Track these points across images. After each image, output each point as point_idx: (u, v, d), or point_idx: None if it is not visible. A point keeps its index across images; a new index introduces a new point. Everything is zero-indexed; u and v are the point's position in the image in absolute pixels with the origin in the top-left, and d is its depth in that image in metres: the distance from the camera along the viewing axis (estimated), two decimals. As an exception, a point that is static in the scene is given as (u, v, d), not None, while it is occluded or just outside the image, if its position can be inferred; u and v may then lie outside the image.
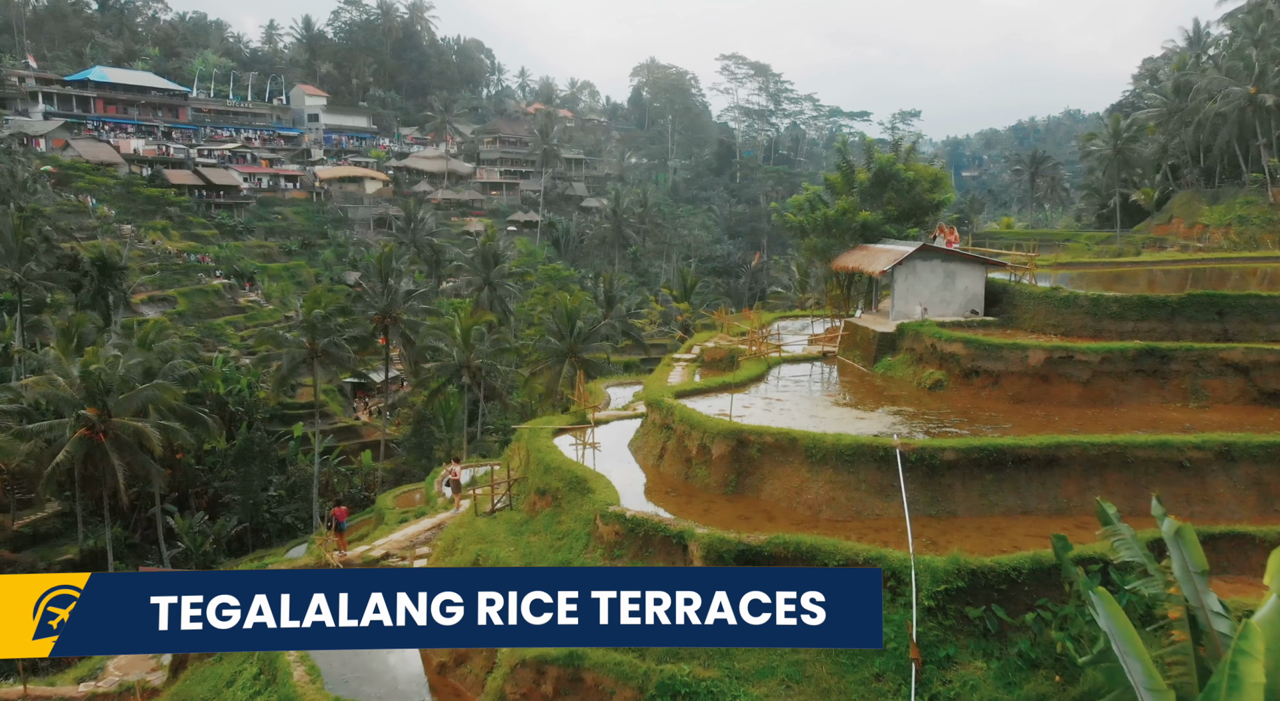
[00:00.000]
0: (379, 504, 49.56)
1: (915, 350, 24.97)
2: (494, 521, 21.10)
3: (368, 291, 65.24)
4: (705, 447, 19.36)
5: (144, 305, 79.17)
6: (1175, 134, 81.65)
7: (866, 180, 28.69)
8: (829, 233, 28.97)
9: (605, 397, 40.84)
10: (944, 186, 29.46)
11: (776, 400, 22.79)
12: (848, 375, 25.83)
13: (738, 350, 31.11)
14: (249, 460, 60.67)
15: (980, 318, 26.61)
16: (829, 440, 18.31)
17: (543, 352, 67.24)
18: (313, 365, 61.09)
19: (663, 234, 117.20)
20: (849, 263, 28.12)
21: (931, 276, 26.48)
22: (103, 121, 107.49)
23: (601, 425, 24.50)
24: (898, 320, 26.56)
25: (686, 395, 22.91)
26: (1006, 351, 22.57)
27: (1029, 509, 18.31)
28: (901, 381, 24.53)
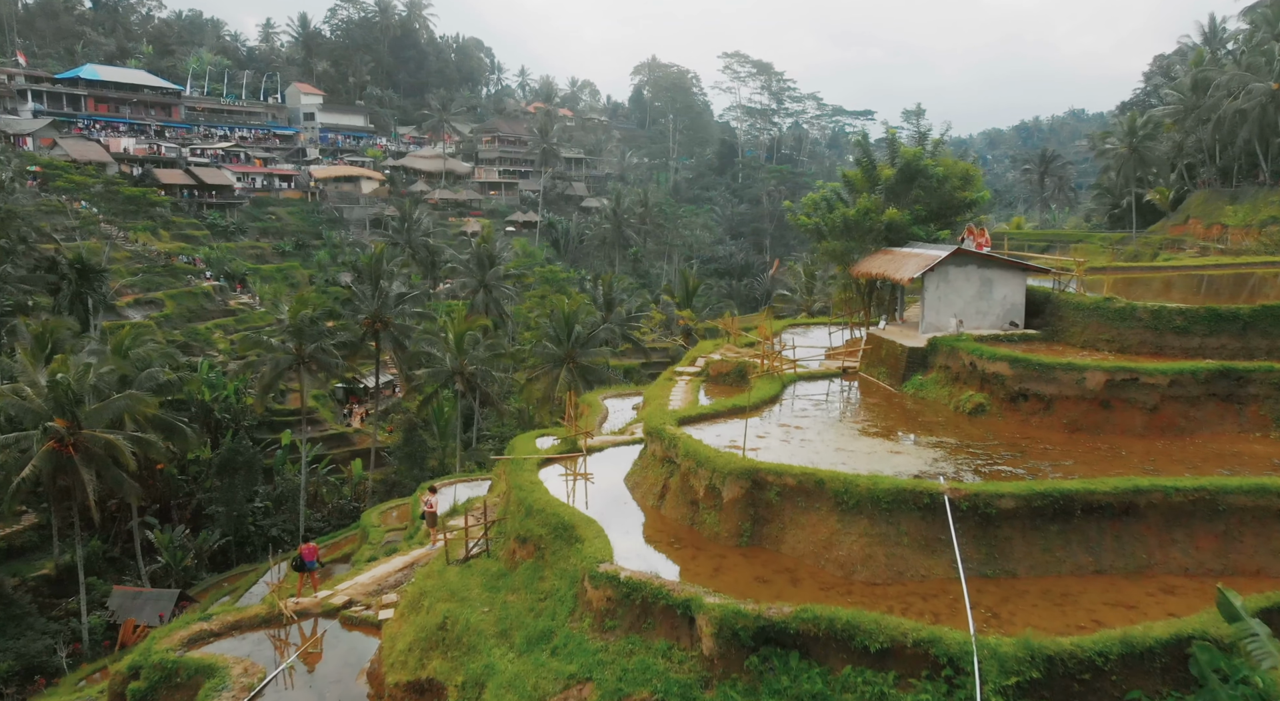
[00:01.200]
0: (364, 520, 46.44)
1: (950, 368, 21.79)
2: (468, 571, 17.94)
3: (358, 294, 62.07)
4: (715, 489, 16.21)
5: (130, 308, 76.09)
6: (1192, 131, 78.37)
7: (891, 177, 25.53)
8: (848, 235, 25.81)
9: (602, 410, 37.70)
10: (976, 183, 26.29)
11: (795, 428, 19.60)
12: (873, 396, 22.64)
13: (746, 363, 28.00)
14: (232, 470, 57.57)
15: (1021, 331, 23.44)
16: (863, 483, 15.15)
17: (539, 358, 64.14)
18: (300, 371, 58.00)
19: (664, 234, 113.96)
20: (872, 268, 24.96)
21: (966, 284, 23.32)
22: (93, 120, 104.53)
23: (595, 452, 21.37)
24: (928, 333, 23.38)
25: (692, 422, 19.76)
26: (1060, 372, 19.40)
27: (1102, 567, 15.17)
28: (936, 404, 21.36)
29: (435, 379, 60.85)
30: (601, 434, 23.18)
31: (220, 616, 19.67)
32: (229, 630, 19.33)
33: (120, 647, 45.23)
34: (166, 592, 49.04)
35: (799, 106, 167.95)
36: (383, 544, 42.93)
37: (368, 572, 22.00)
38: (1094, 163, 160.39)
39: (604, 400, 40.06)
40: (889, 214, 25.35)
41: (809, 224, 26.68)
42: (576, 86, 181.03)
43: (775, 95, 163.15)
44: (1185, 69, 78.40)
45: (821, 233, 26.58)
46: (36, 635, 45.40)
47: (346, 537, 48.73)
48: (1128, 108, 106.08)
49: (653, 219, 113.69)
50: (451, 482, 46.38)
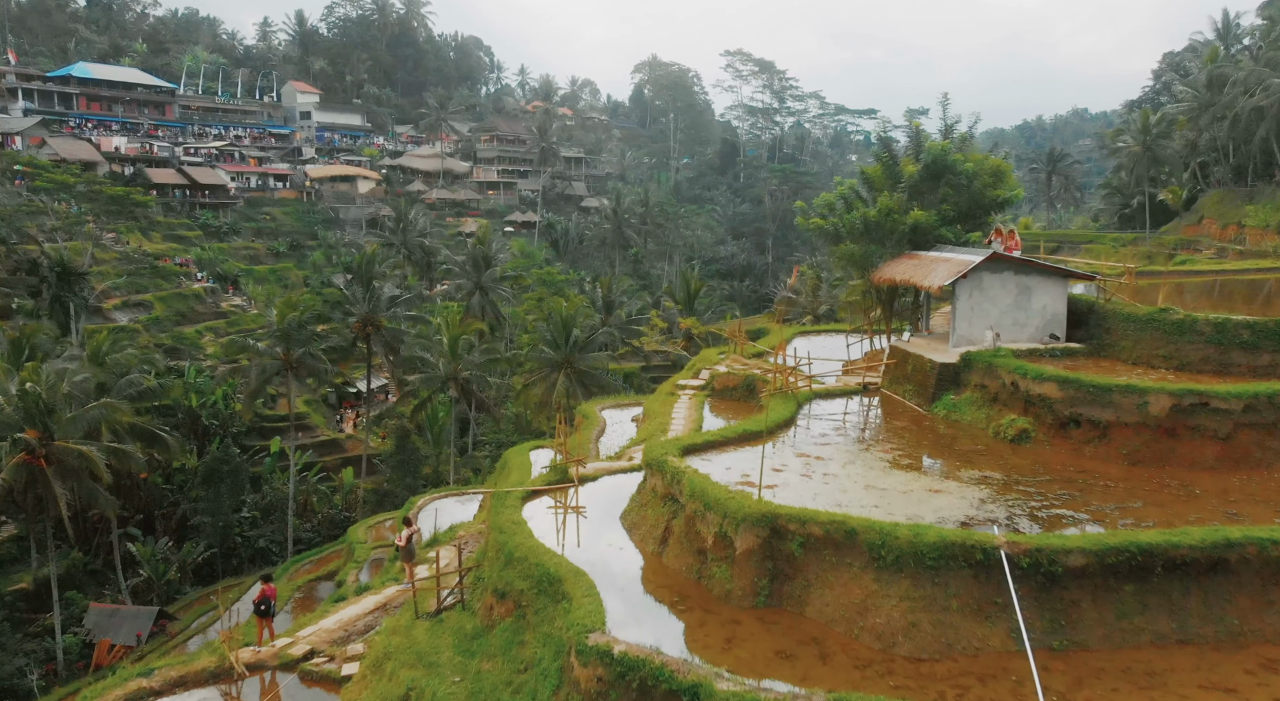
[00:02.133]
0: (350, 535, 43.90)
1: (987, 388, 19.23)
2: (439, 629, 15.39)
3: (349, 296, 59.50)
4: (726, 537, 13.67)
5: (117, 310, 73.58)
6: (1206, 129, 75.71)
7: (916, 174, 22.97)
8: (869, 237, 23.25)
9: (600, 423, 35.21)
10: (1008, 180, 23.72)
11: (816, 458, 17.03)
12: (900, 418, 20.07)
13: (754, 376, 25.51)
14: (218, 480, 55.03)
15: (1063, 344, 20.88)
16: (903, 535, 12.61)
17: (536, 362, 61.61)
18: (287, 377, 55.46)
19: (665, 235, 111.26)
20: (895, 274, 22.42)
21: (1003, 293, 20.79)
22: (85, 119, 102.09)
23: (588, 482, 18.83)
24: (960, 347, 20.83)
25: (698, 450, 17.22)
26: (1118, 395, 16.83)
27: (1187, 635, 12.62)
28: (972, 429, 18.81)
29: (429, 385, 58.34)
30: (597, 461, 20.61)
31: (163, 671, 17.15)
32: (172, 687, 16.84)
33: (95, 669, 42.77)
34: (145, 610, 46.45)
35: (801, 106, 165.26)
36: (369, 561, 40.48)
37: (334, 615, 19.48)
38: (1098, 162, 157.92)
39: (602, 411, 37.58)
40: (914, 215, 22.78)
41: (825, 226, 24.08)
42: (576, 85, 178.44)
43: (777, 94, 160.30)
44: (1200, 65, 75.64)
45: (839, 235, 23.98)
46: (8, 655, 42.87)
47: (334, 552, 46.19)
48: (1137, 106, 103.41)
49: (653, 219, 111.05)
50: (442, 496, 43.83)
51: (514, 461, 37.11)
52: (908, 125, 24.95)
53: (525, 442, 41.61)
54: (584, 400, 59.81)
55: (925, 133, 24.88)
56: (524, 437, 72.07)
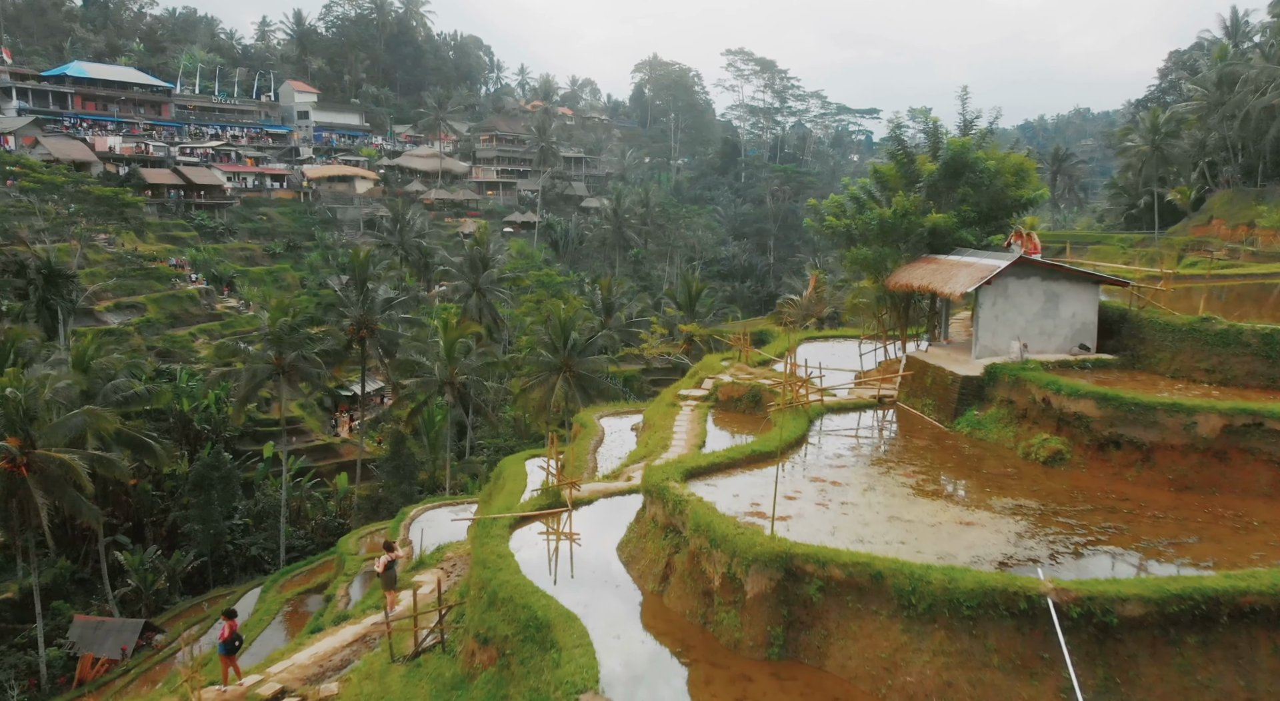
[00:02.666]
0: (340, 546, 42.33)
1: (1015, 404, 17.67)
2: (415, 676, 13.83)
3: (343, 298, 57.95)
4: (735, 579, 12.12)
5: (109, 312, 72.09)
6: (1215, 128, 74.14)
7: (934, 172, 21.37)
8: (884, 240, 21.66)
9: (598, 432, 33.65)
10: (1031, 180, 22.13)
11: (832, 484, 15.47)
12: (920, 435, 18.49)
13: (760, 387, 23.97)
14: (208, 486, 53.57)
15: (1094, 356, 19.31)
16: (936, 580, 11.05)
17: (535, 366, 60.04)
18: (279, 382, 53.90)
19: (665, 235, 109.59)
20: (912, 280, 20.84)
21: (1029, 300, 19.23)
22: (80, 118, 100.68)
23: (583, 506, 17.28)
24: (984, 358, 19.26)
25: (702, 474, 15.66)
26: (1163, 414, 15.26)
27: (1257, 693, 11.09)
28: (999, 449, 17.25)
29: (424, 389, 56.80)
30: (593, 481, 19.03)
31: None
32: (129, 732, 15.26)
33: (78, 684, 41.33)
34: (130, 622, 44.93)
35: (802, 105, 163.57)
36: (359, 573, 38.94)
37: (309, 648, 17.93)
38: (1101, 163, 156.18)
39: (600, 420, 36.00)
40: (932, 216, 21.18)
41: (836, 228, 22.48)
42: (577, 85, 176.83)
43: (779, 93, 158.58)
44: (1209, 64, 74.00)
45: (851, 237, 22.38)
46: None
47: (326, 562, 44.63)
48: (1143, 105, 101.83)
49: (654, 219, 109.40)
50: (435, 506, 42.28)
51: (509, 471, 35.55)
52: (925, 121, 23.31)
53: (521, 452, 40.07)
54: (583, 404, 58.29)
55: (943, 129, 23.28)
56: (522, 442, 70.65)
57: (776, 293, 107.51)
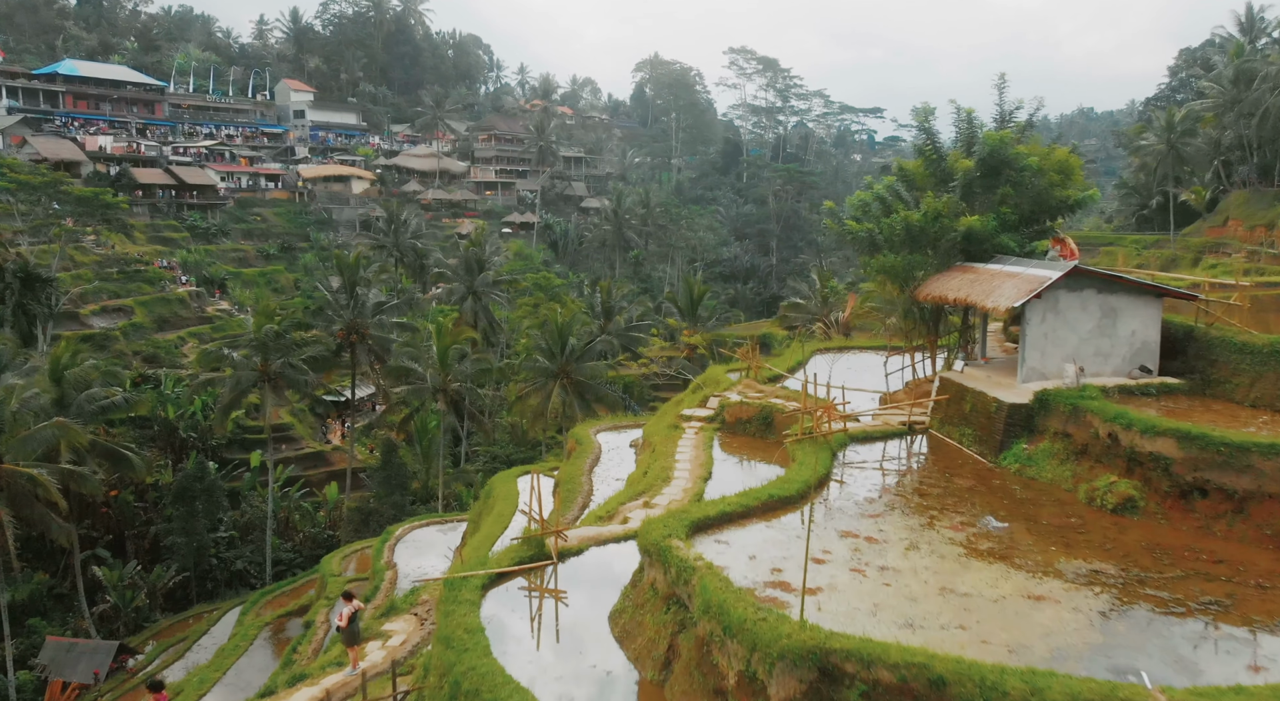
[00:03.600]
0: (323, 566, 39.79)
1: (1073, 438, 15.11)
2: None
3: (332, 302, 55.39)
4: (755, 678, 9.55)
5: (95, 316, 69.59)
6: (1230, 126, 71.57)
7: (970, 169, 18.76)
8: (912, 245, 19.08)
9: (594, 449, 31.10)
10: (1077, 178, 19.49)
11: (867, 540, 12.89)
12: (962, 473, 15.92)
13: (772, 407, 21.44)
14: (190, 498, 51.01)
15: (1157, 380, 16.75)
16: (1014, 689, 8.51)
17: (531, 372, 57.47)
18: (264, 389, 51.34)
19: (667, 236, 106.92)
20: (946, 291, 18.27)
21: (1083, 316, 16.70)
22: (71, 117, 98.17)
23: (571, 557, 14.72)
24: (1032, 382, 16.71)
25: (710, 527, 13.11)
26: (1260, 458, 12.71)
27: None
28: (1056, 491, 14.70)
29: (416, 397, 54.28)
30: (584, 523, 16.43)
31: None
32: None
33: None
34: (104, 645, 42.32)
35: (805, 104, 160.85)
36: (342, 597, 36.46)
37: (259, 715, 15.43)
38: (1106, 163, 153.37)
39: (597, 435, 33.41)
40: (968, 219, 18.61)
41: (859, 232, 19.83)
42: (577, 84, 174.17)
43: (781, 93, 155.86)
44: (1225, 61, 71.39)
45: (875, 243, 19.75)
46: (-45, 696, 38.89)
47: (310, 580, 42.10)
48: (1153, 103, 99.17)
49: (655, 220, 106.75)
50: (423, 524, 39.76)
51: (499, 490, 33.01)
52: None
53: (513, 468, 37.58)
54: (581, 412, 55.73)
55: (979, 121, 20.63)
56: (520, 449, 68.11)
57: (779, 294, 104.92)
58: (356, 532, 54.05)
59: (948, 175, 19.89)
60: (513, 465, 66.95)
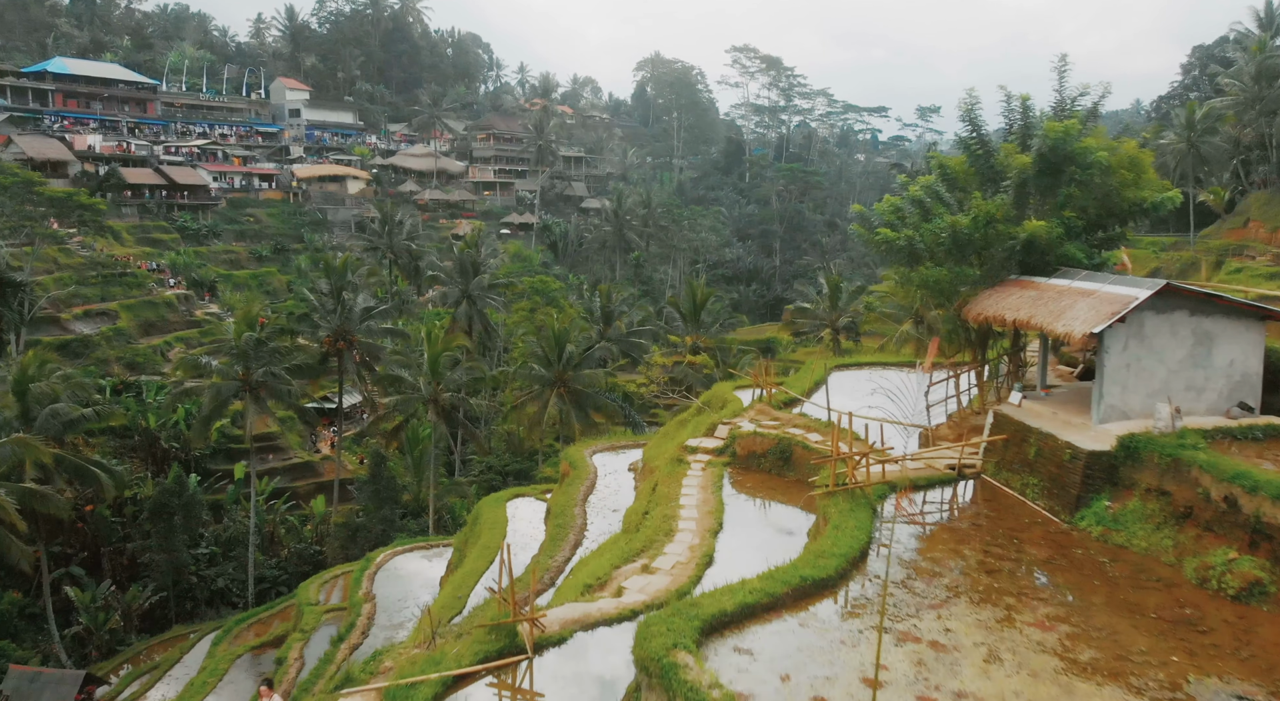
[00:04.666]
0: (300, 595, 36.85)
1: (1173, 497, 12.09)
2: None
3: (318, 308, 52.40)
4: None
5: (77, 321, 66.60)
6: (1251, 124, 68.50)
7: (1028, 166, 15.61)
8: (958, 255, 15.96)
9: (589, 473, 28.12)
10: (1150, 178, 16.35)
11: (932, 647, 9.84)
12: (1033, 539, 12.88)
13: (791, 440, 18.44)
14: (169, 513, 48.09)
15: (1264, 421, 13.71)
16: None
17: (527, 380, 54.56)
18: (246, 400, 48.36)
19: (668, 237, 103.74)
20: (1002, 311, 15.13)
21: (1173, 343, 13.73)
22: (61, 116, 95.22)
23: (551, 650, 11.67)
24: (1110, 423, 13.70)
25: (727, 627, 10.12)
26: None
27: None
28: (1155, 566, 11.69)
29: (406, 407, 51.27)
30: (565, 605, 13.32)
31: None
32: None
33: (5, 749, 36.01)
34: (70, 674, 39.34)
35: (809, 103, 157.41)
36: (318, 629, 33.51)
37: None
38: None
39: (593, 457, 30.42)
40: (1031, 225, 15.51)
41: (895, 240, 16.60)
42: (578, 83, 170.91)
43: (784, 92, 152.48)
44: (1246, 57, 68.22)
45: (914, 252, 16.60)
46: (-90, 733, 35.90)
47: (287, 607, 39.12)
48: (1166, 101, 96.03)
49: (656, 221, 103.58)
50: (407, 549, 36.76)
51: (487, 517, 29.98)
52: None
53: (503, 491, 34.61)
54: (578, 422, 52.75)
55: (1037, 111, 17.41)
56: (515, 459, 65.12)
57: (783, 297, 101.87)
58: (343, 549, 51.10)
59: (997, 173, 16.81)
60: (507, 476, 64.10)
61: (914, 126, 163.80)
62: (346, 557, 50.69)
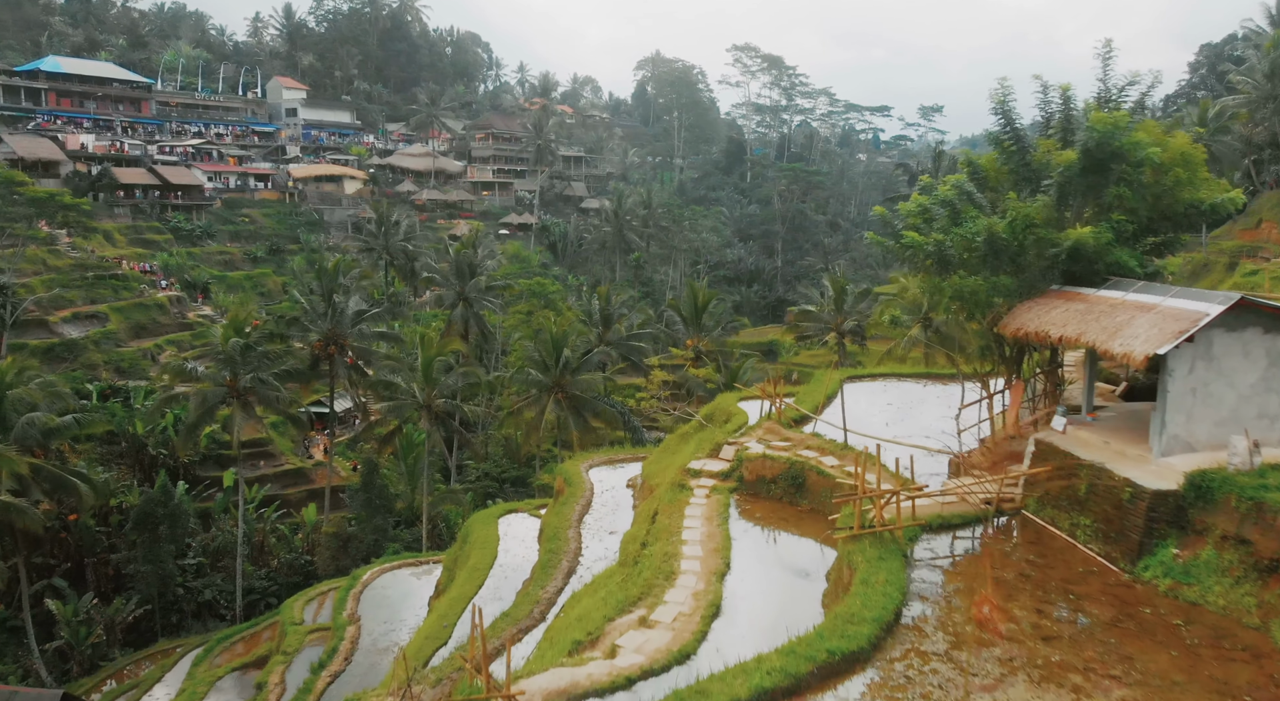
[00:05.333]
0: (284, 613, 35.08)
1: (1256, 547, 10.36)
2: None
3: (309, 311, 50.62)
4: None
5: (66, 324, 64.94)
6: (1263, 122, 66.71)
7: (1072, 163, 13.79)
8: (995, 263, 14.07)
9: (585, 489, 26.40)
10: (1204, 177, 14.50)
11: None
12: (1091, 593, 11.11)
13: (804, 464, 16.67)
14: (154, 523, 46.30)
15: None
16: None
17: (523, 385, 52.77)
18: (233, 406, 46.62)
19: (669, 238, 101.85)
20: (1046, 326, 13.28)
21: (1245, 365, 12.01)
22: (55, 115, 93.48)
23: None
24: (1173, 456, 11.95)
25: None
26: None
27: None
28: (1235, 628, 9.99)
29: (398, 414, 49.48)
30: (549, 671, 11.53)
31: None
32: None
33: (-23, 774, 34.28)
34: (47, 694, 37.36)
35: (810, 103, 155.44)
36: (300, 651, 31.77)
37: None
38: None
39: (589, 471, 28.69)
40: (1077, 232, 13.66)
41: (921, 245, 14.68)
42: (578, 82, 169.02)
43: (786, 91, 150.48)
44: (1259, 55, 66.45)
45: (945, 259, 14.69)
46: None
47: (269, 625, 37.35)
48: (1174, 100, 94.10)
49: (656, 221, 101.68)
50: (396, 565, 34.99)
51: (478, 535, 28.24)
52: (1045, 91, 15.40)
53: (495, 506, 32.90)
54: (576, 429, 50.94)
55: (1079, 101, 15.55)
56: (513, 466, 63.31)
57: (785, 298, 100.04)
58: (334, 560, 49.34)
59: (1034, 172, 14.98)
60: (504, 483, 62.25)
61: (916, 126, 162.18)
62: (337, 569, 48.93)
